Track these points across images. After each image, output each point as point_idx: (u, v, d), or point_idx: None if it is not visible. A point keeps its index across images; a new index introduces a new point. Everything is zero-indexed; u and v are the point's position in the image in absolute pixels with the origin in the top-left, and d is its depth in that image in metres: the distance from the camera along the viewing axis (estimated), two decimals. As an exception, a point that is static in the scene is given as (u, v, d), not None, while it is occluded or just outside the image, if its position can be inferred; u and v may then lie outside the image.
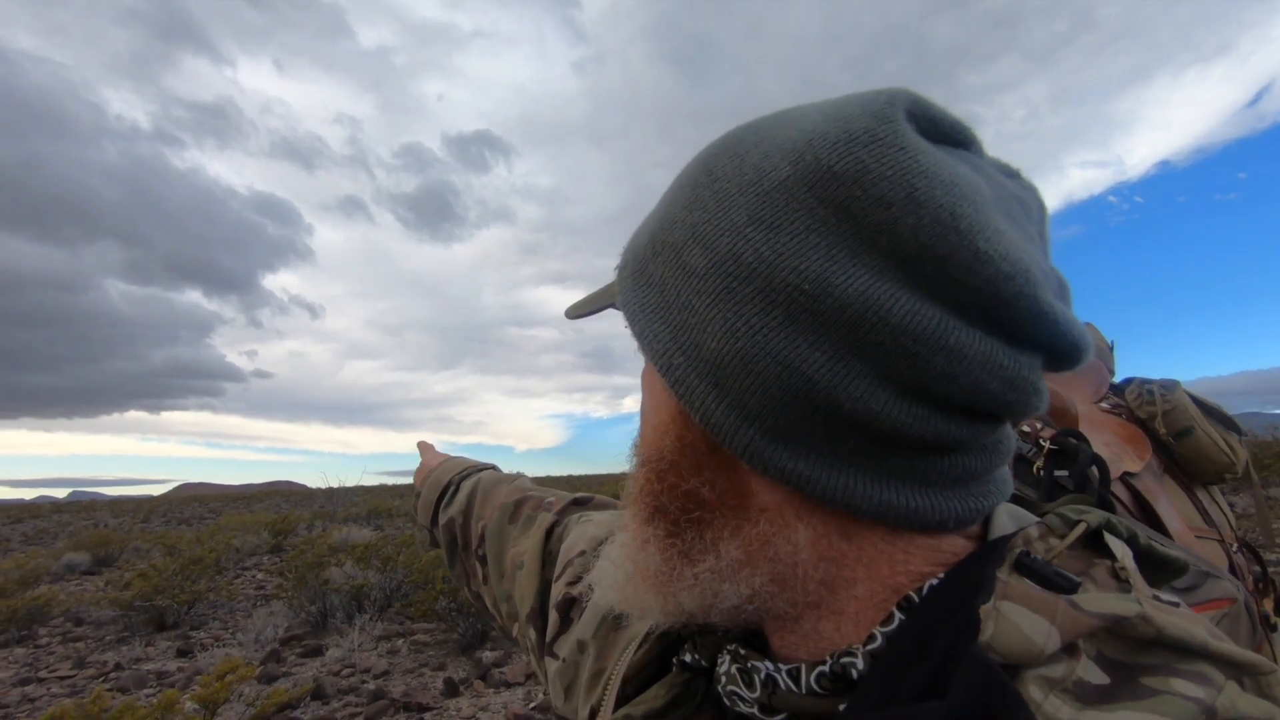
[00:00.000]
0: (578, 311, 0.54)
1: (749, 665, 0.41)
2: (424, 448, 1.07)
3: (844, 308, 0.33)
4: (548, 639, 0.65)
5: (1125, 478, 1.04)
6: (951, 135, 0.38)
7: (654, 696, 0.46)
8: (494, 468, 0.99)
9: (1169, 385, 1.17)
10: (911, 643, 0.35)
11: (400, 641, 6.06)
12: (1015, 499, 0.44)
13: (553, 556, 0.71)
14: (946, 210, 0.33)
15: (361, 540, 9.85)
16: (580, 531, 0.69)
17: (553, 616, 0.65)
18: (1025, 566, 0.35)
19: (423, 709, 4.60)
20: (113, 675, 5.72)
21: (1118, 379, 1.31)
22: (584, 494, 0.82)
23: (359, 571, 7.37)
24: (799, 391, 0.34)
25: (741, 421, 0.36)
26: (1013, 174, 0.41)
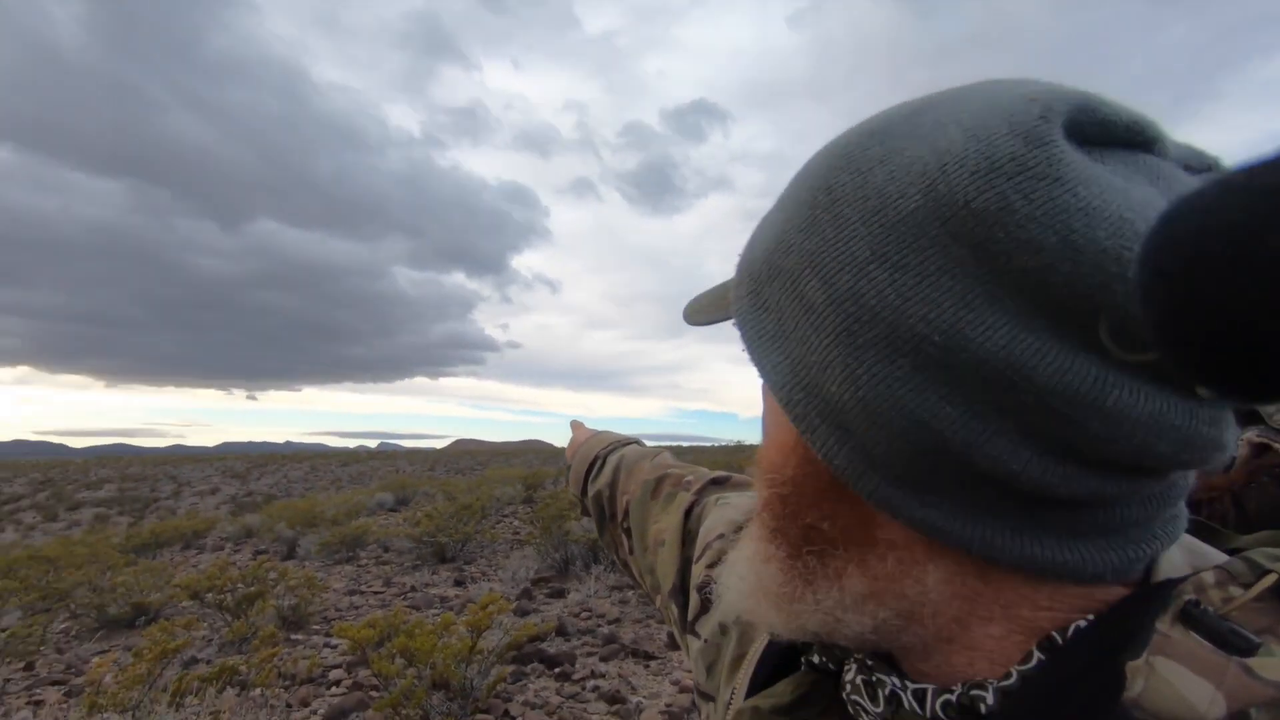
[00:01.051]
0: (696, 318, 0.51)
1: (874, 678, 0.40)
2: (575, 426, 1.15)
3: (980, 364, 0.29)
4: (690, 618, 0.66)
5: None
6: (1128, 138, 0.31)
7: (781, 691, 0.46)
8: (638, 442, 1.02)
9: None
10: (1049, 688, 0.32)
11: (630, 593, 6.57)
12: (1201, 529, 0.36)
13: (692, 536, 0.73)
14: (1110, 255, 0.27)
15: (597, 497, 10.79)
16: (719, 514, 0.70)
17: (694, 598, 0.66)
18: (1193, 618, 0.30)
19: (649, 657, 4.97)
20: (410, 595, 7.05)
21: None
22: (722, 473, 0.82)
23: (594, 526, 8.12)
24: (928, 446, 0.31)
25: (866, 468, 0.33)
26: (1207, 167, 0.33)
